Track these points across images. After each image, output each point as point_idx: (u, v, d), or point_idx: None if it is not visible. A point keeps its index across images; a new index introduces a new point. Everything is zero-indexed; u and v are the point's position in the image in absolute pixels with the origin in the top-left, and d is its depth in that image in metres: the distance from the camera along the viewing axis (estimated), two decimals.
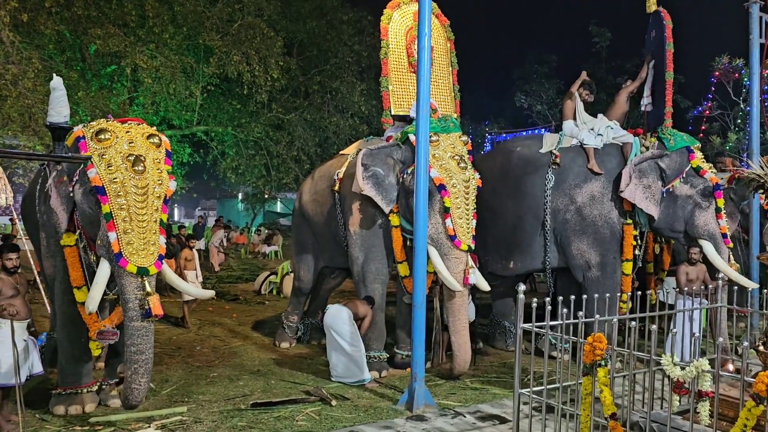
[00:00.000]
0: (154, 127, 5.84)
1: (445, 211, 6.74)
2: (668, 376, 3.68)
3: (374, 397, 6.44)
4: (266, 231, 25.18)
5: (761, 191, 4.38)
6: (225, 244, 20.22)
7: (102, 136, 5.25)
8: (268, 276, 13.94)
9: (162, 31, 15.12)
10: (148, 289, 5.08)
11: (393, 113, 7.84)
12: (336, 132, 19.23)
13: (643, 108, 8.70)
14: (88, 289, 5.37)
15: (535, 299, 4.65)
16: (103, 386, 6.07)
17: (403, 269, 7.37)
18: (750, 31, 9.22)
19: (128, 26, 14.98)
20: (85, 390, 5.89)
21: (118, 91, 16.50)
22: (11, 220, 25.17)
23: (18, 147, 13.87)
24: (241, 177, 20.05)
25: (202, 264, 12.28)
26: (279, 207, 39.08)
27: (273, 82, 16.29)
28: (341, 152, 8.93)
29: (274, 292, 13.61)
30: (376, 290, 7.56)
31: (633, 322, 4.01)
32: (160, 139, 5.50)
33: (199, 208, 53.47)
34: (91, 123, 5.53)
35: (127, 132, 5.38)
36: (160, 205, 5.30)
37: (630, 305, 5.51)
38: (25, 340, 5.42)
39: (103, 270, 5.22)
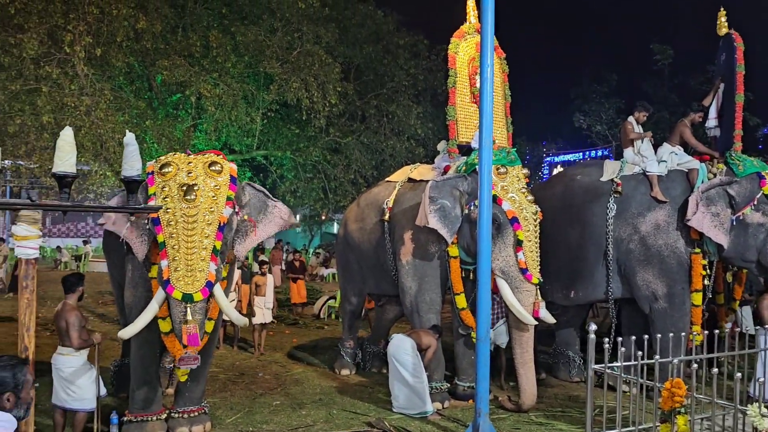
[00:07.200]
0: (222, 155, 5.95)
1: (518, 245, 6.70)
2: (755, 428, 3.52)
3: (437, 430, 6.40)
4: (324, 253, 25.37)
5: None
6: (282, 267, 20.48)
7: (165, 170, 5.52)
8: (328, 300, 14.05)
9: (225, 61, 15.60)
10: (188, 316, 5.16)
11: (458, 142, 7.83)
12: (392, 155, 19.32)
13: (709, 133, 8.45)
14: (172, 320, 5.47)
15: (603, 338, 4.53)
16: (172, 414, 6.20)
17: (460, 301, 7.31)
18: None
19: (193, 56, 15.53)
20: (154, 418, 6.05)
21: (183, 118, 17.07)
22: (84, 242, 26.42)
23: (90, 173, 14.72)
24: (299, 200, 20.38)
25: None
26: (335, 228, 39.47)
27: (331, 107, 16.50)
28: (387, 179, 8.87)
29: (333, 316, 13.69)
30: (431, 320, 7.51)
31: (715, 369, 3.85)
32: (222, 167, 5.61)
33: None
34: (161, 158, 5.77)
35: (189, 163, 5.57)
36: (213, 232, 5.36)
37: (702, 338, 5.30)
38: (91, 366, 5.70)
39: (157, 297, 5.43)
